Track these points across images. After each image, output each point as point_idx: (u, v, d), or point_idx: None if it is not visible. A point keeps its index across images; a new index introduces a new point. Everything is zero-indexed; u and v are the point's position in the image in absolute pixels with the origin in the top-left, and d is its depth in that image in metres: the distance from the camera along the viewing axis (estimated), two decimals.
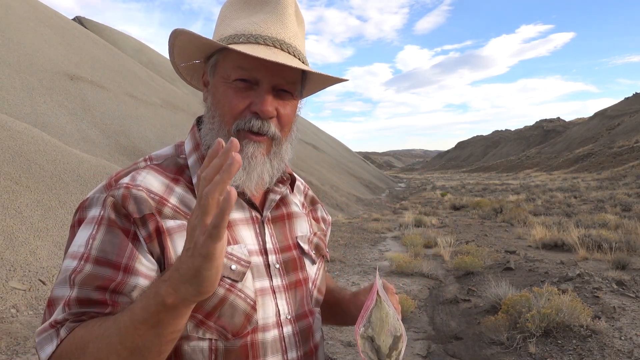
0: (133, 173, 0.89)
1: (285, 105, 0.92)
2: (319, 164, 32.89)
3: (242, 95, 0.88)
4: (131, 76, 20.46)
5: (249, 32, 0.89)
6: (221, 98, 0.90)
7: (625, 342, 3.98)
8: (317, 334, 1.02)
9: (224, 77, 0.90)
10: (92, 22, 40.15)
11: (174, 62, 0.99)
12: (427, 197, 30.05)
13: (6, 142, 7.29)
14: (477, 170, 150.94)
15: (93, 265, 0.79)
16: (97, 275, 0.78)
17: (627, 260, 7.18)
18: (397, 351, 0.88)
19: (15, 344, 3.83)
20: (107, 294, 0.77)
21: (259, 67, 0.87)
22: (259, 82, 0.88)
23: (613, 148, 77.75)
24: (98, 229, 0.81)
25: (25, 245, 5.32)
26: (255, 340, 0.88)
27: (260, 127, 0.89)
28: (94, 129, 12.71)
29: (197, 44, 0.91)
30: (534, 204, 19.02)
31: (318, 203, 1.20)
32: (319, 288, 1.05)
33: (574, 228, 10.45)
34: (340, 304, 1.13)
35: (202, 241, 0.62)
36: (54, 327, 0.77)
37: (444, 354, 4.39)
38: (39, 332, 0.78)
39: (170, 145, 1.00)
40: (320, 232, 1.12)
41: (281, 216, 1.02)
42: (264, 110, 0.88)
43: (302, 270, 1.00)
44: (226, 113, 0.89)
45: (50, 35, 17.07)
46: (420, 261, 7.82)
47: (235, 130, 0.89)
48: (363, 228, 13.53)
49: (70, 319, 0.77)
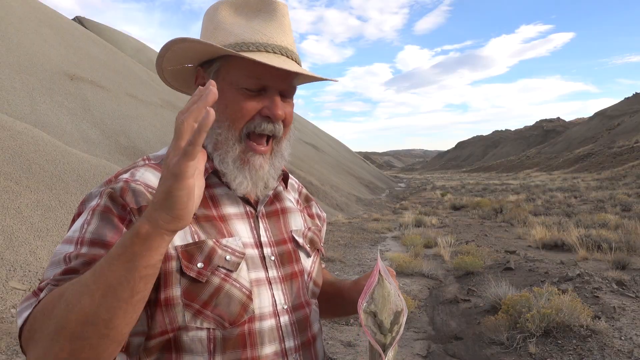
0: (132, 170, 0.92)
1: (287, 106, 0.97)
2: (319, 164, 32.88)
3: (253, 101, 0.93)
4: (131, 76, 20.46)
5: (256, 40, 0.93)
6: (230, 103, 0.93)
7: (625, 342, 3.98)
8: (314, 325, 1.04)
9: (232, 83, 0.93)
10: (92, 22, 40.13)
11: (160, 65, 1.00)
12: (427, 197, 30.05)
13: (6, 142, 7.29)
14: (477, 170, 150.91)
15: (88, 247, 0.80)
16: (88, 254, 0.79)
17: (627, 260, 7.19)
18: (398, 325, 0.92)
19: (15, 344, 3.83)
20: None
21: (268, 75, 0.92)
22: (267, 88, 0.93)
23: (613, 148, 77.73)
24: (93, 215, 0.84)
25: (25, 245, 5.32)
26: (252, 329, 0.90)
27: (272, 130, 0.94)
28: (94, 129, 12.71)
29: (201, 51, 0.94)
30: (534, 204, 19.02)
31: (312, 200, 1.24)
32: (314, 280, 1.07)
33: (574, 228, 10.45)
34: (342, 293, 1.15)
35: (175, 161, 0.64)
36: (36, 294, 0.77)
37: (444, 354, 4.39)
38: (21, 303, 0.78)
39: (167, 147, 1.01)
40: (314, 227, 1.15)
41: (275, 211, 1.06)
42: (277, 115, 0.93)
43: (297, 263, 1.03)
44: (238, 118, 0.93)
45: (50, 35, 17.07)
46: (420, 261, 7.82)
47: (246, 134, 0.94)
48: (363, 228, 13.53)
49: (52, 283, 0.77)
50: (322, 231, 1.22)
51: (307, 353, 0.99)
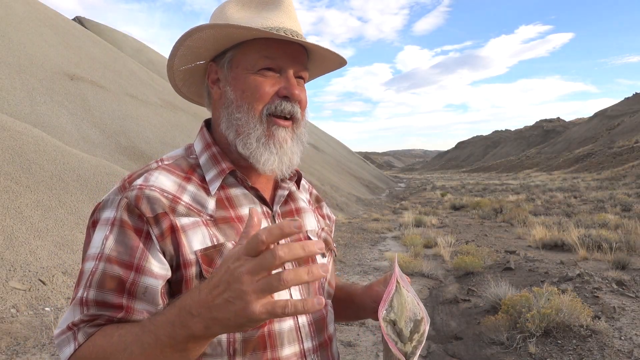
0: (146, 174, 0.91)
1: (302, 90, 0.97)
2: (319, 164, 32.88)
3: (270, 82, 0.93)
4: (131, 76, 20.45)
5: (267, 25, 0.92)
6: (248, 87, 0.93)
7: (625, 342, 3.98)
8: (330, 326, 1.04)
9: (248, 68, 0.93)
10: (92, 22, 40.13)
11: (172, 67, 1.00)
12: (427, 197, 30.04)
13: (6, 142, 7.29)
14: (477, 170, 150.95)
15: (106, 263, 0.81)
16: (110, 275, 0.80)
17: (627, 260, 7.18)
18: (418, 334, 0.90)
19: (15, 344, 3.83)
20: (123, 297, 0.80)
21: (282, 56, 0.93)
22: (283, 69, 0.94)
23: (613, 148, 77.74)
24: (111, 230, 0.84)
25: (25, 245, 5.32)
26: (272, 330, 0.89)
27: (291, 109, 0.94)
28: (94, 129, 12.71)
29: (222, 38, 0.93)
30: (533, 204, 19.02)
31: (322, 201, 1.23)
32: (329, 281, 1.07)
33: (574, 228, 10.45)
34: (353, 297, 1.14)
35: (260, 312, 0.63)
36: (71, 329, 0.80)
37: (444, 354, 4.39)
38: (57, 335, 0.82)
39: (181, 148, 1.03)
40: (327, 227, 1.16)
41: (290, 211, 1.05)
42: (295, 94, 0.93)
43: (313, 263, 1.02)
44: (257, 99, 0.93)
45: (50, 35, 17.06)
46: (420, 261, 7.82)
47: (266, 115, 0.93)
48: (363, 228, 13.53)
49: (86, 320, 0.80)
50: (332, 232, 1.22)
51: (325, 354, 0.99)
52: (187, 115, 20.05)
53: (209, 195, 0.92)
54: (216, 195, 0.93)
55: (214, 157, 0.96)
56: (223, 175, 0.94)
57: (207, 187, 0.93)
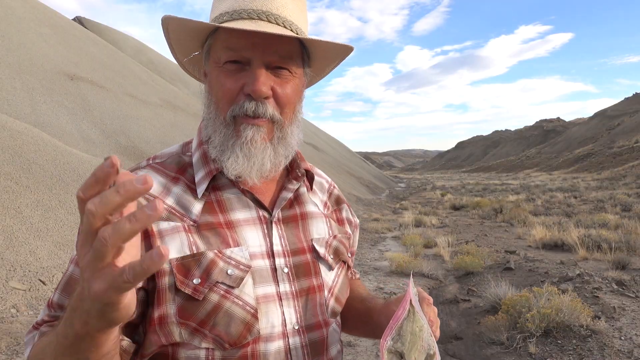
0: (133, 174, 0.88)
1: (283, 83, 0.84)
2: (319, 164, 32.87)
3: (234, 78, 0.82)
4: (131, 76, 20.45)
5: (233, 9, 0.83)
6: (214, 83, 0.84)
7: (625, 342, 3.98)
8: (332, 347, 0.92)
9: (216, 62, 0.84)
10: (92, 22, 40.11)
11: (177, 58, 0.94)
12: (427, 197, 30.04)
13: (6, 142, 7.29)
14: (477, 170, 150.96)
15: (75, 267, 0.80)
16: (75, 278, 0.80)
17: (627, 260, 7.19)
18: None
19: (15, 344, 3.83)
20: None
21: (247, 45, 0.80)
22: (250, 62, 0.81)
23: (613, 148, 77.76)
24: None
25: (25, 245, 5.32)
26: (256, 351, 0.81)
27: (255, 109, 0.81)
28: (94, 129, 12.71)
29: (186, 31, 0.86)
30: (533, 204, 19.01)
31: (344, 203, 1.10)
32: (336, 297, 0.94)
33: (574, 228, 10.45)
34: (371, 313, 1.00)
35: (103, 290, 0.50)
36: (36, 328, 0.80)
37: (444, 354, 4.39)
38: (26, 334, 0.82)
39: (178, 144, 0.97)
40: (342, 234, 1.01)
41: (294, 216, 0.93)
42: (256, 90, 0.80)
43: (316, 276, 0.91)
44: (220, 98, 0.83)
45: (50, 35, 17.06)
46: (420, 261, 7.82)
47: (231, 117, 0.83)
48: (363, 228, 13.53)
49: (47, 321, 0.79)
50: (353, 239, 1.08)
51: None
52: (187, 115, 20.05)
53: (196, 198, 0.85)
54: (205, 198, 0.85)
55: (204, 156, 0.89)
56: (210, 176, 0.86)
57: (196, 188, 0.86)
